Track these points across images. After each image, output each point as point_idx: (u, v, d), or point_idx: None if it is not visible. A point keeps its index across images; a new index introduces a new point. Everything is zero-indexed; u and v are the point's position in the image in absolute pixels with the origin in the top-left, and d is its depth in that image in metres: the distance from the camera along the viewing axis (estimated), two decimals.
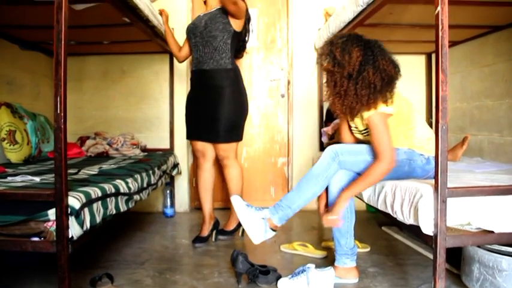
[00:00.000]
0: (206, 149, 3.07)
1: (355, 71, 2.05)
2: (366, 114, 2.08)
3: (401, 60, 4.10)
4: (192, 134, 3.10)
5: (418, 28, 3.06)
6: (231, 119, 2.95)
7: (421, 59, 4.22)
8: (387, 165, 2.03)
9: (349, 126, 2.36)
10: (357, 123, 2.25)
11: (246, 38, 3.15)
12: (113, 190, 2.13)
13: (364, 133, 2.27)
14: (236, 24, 2.92)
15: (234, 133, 3.01)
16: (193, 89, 3.10)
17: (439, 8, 1.59)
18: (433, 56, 1.67)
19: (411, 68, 4.19)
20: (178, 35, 3.55)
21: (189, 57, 3.29)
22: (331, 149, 2.19)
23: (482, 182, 2.03)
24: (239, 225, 3.16)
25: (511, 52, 3.01)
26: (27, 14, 2.67)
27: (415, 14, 2.72)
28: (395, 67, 2.11)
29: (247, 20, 3.06)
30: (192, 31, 3.01)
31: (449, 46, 3.54)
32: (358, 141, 2.37)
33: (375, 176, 2.06)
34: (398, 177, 2.11)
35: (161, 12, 3.29)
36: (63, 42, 1.57)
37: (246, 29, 3.07)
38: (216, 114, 2.92)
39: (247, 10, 2.99)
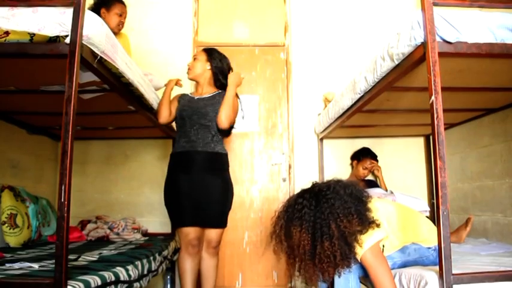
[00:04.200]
0: (200, 234, 2.89)
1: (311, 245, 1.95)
2: (357, 255, 1.90)
3: (400, 142, 4.27)
4: (191, 220, 2.83)
5: (415, 113, 3.16)
6: (221, 203, 2.90)
7: (420, 141, 4.29)
8: None
9: None
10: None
11: None
12: (113, 278, 2.08)
13: None
14: None
15: (224, 218, 2.94)
16: (182, 171, 2.87)
17: (433, 98, 1.65)
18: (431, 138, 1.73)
19: (410, 150, 4.28)
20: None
21: (170, 123, 3.10)
22: None
23: (489, 266, 2.00)
24: None
25: (506, 133, 3.08)
26: (36, 101, 2.77)
27: (412, 100, 2.80)
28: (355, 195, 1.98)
29: None
30: (188, 113, 2.93)
31: (446, 128, 3.66)
32: None
33: None
34: None
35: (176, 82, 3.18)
36: (70, 133, 1.62)
37: None
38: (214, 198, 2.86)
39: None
